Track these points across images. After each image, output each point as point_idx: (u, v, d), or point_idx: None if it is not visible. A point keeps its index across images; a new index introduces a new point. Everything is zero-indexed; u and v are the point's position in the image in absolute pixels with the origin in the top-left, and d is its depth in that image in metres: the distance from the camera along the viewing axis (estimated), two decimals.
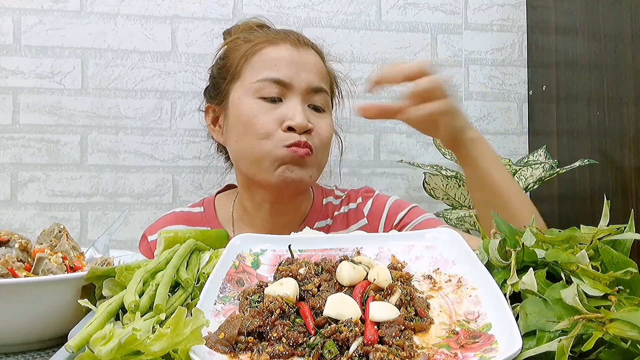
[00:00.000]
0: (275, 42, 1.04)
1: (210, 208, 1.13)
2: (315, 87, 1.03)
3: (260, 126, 0.99)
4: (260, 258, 0.59)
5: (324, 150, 1.05)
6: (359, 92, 1.60)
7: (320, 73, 1.05)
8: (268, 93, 1.00)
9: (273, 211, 1.07)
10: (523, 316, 0.45)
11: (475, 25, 1.67)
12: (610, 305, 0.44)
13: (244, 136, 1.01)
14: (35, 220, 1.46)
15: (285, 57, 1.02)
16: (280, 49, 1.03)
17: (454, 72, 1.66)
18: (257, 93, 1.01)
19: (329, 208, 1.13)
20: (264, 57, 1.03)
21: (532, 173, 1.42)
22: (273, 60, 1.02)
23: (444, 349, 0.44)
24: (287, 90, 1.01)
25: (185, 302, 0.52)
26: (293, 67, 1.01)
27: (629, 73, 1.32)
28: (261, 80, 1.01)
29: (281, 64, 1.01)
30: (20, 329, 0.54)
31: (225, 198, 1.16)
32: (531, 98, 1.69)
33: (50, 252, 0.61)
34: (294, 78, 1.01)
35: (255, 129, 0.99)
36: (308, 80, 1.02)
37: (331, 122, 1.07)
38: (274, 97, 1.00)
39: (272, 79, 1.00)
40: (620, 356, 0.41)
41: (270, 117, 0.99)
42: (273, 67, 1.01)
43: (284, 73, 1.01)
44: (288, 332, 0.45)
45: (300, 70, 1.02)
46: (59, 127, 1.48)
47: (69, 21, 1.48)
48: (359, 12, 1.62)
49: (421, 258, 0.60)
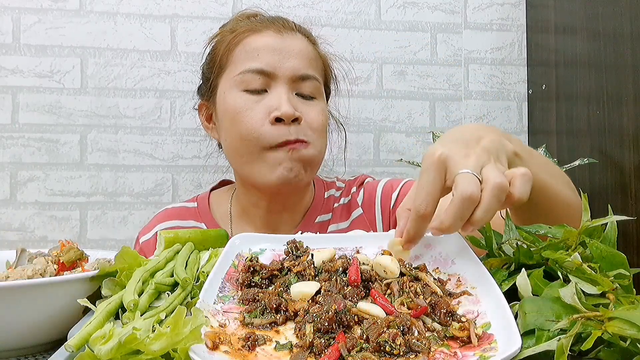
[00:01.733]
0: (258, 30, 1.00)
1: (204, 204, 1.09)
2: (301, 74, 0.98)
3: (246, 123, 0.95)
4: (260, 258, 0.59)
5: (319, 139, 0.99)
6: (359, 92, 1.60)
7: (308, 59, 1.00)
8: (252, 85, 0.96)
9: (272, 209, 1.04)
10: (522, 315, 0.45)
11: (475, 24, 1.67)
12: (609, 303, 0.44)
13: (233, 134, 0.97)
14: (35, 219, 1.46)
15: (268, 45, 0.98)
16: (263, 37, 0.99)
17: (453, 71, 1.66)
18: (241, 85, 0.97)
19: (331, 201, 1.09)
20: (247, 47, 0.99)
21: None
22: (255, 50, 0.98)
23: (444, 349, 0.44)
24: (272, 80, 0.97)
25: (185, 301, 0.52)
26: (276, 55, 0.97)
27: (629, 72, 1.32)
28: (244, 72, 0.97)
29: (264, 53, 0.97)
30: (19, 333, 0.54)
31: (221, 194, 1.13)
32: (531, 97, 1.69)
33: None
34: (277, 66, 0.96)
35: (241, 127, 0.95)
36: (293, 67, 0.97)
37: (323, 109, 1.02)
38: (258, 89, 0.96)
39: (254, 70, 0.96)
40: (620, 355, 0.41)
41: (255, 112, 0.95)
42: (255, 57, 0.97)
43: (267, 62, 0.96)
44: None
45: (284, 58, 0.97)
46: (59, 126, 1.48)
47: (68, 20, 1.48)
48: (358, 12, 1.62)
49: (421, 257, 0.60)
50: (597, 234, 0.54)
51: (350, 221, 1.06)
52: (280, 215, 1.05)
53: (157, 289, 0.53)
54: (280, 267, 0.57)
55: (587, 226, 0.53)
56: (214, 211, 1.09)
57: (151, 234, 1.06)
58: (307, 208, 1.07)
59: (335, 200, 1.09)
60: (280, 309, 0.49)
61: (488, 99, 1.68)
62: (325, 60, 1.07)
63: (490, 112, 1.68)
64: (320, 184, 1.12)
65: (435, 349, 0.44)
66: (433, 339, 0.45)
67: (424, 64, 1.65)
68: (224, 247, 0.59)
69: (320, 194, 1.10)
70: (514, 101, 1.70)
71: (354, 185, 1.10)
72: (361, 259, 0.56)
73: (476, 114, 1.67)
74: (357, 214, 1.06)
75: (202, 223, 1.06)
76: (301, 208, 1.07)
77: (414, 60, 1.64)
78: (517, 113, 1.70)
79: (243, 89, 0.97)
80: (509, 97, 1.70)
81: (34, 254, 0.66)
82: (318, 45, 1.06)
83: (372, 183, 1.09)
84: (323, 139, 1.01)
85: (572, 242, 0.52)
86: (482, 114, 1.68)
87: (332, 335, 0.45)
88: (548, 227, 0.59)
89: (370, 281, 0.53)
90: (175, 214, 1.08)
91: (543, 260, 0.52)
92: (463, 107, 1.67)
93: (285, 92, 0.96)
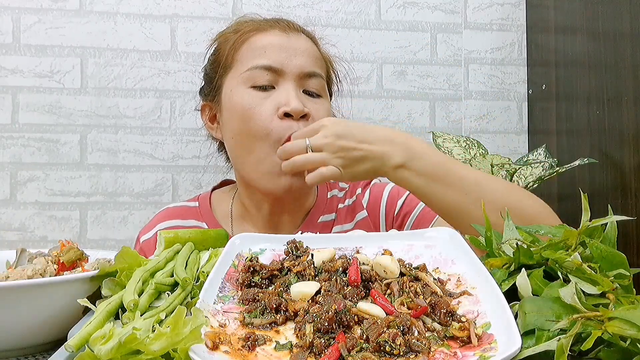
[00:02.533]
0: (264, 29, 1.01)
1: (205, 203, 1.09)
2: (308, 71, 0.99)
3: (255, 119, 0.95)
4: (260, 258, 0.60)
5: None
6: (359, 92, 1.60)
7: (314, 57, 1.01)
8: (260, 81, 0.97)
9: (274, 210, 1.03)
10: (522, 315, 0.45)
11: (475, 24, 1.67)
12: (609, 303, 0.44)
13: (240, 133, 0.97)
14: (35, 219, 1.46)
15: (274, 43, 0.99)
16: (269, 36, 1.00)
17: (453, 71, 1.66)
18: (249, 82, 0.97)
19: (334, 202, 1.09)
20: (253, 45, 0.99)
21: (531, 172, 1.42)
22: (262, 47, 0.99)
23: (444, 349, 0.44)
24: (279, 77, 0.97)
25: (185, 301, 0.52)
26: (283, 52, 0.98)
27: (629, 72, 1.32)
28: (252, 69, 0.97)
29: (271, 50, 0.98)
30: (19, 333, 0.53)
31: (222, 194, 1.13)
32: (531, 97, 1.70)
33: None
34: (284, 63, 0.97)
35: (250, 123, 0.95)
36: (300, 64, 0.98)
37: (329, 107, 1.03)
38: (266, 85, 0.97)
39: (262, 66, 0.97)
40: (620, 355, 0.41)
41: (264, 108, 0.95)
42: (263, 54, 0.98)
43: (274, 59, 0.97)
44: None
45: (291, 56, 0.98)
46: (59, 126, 1.48)
47: (68, 20, 1.48)
48: (358, 11, 1.62)
49: (421, 257, 0.60)
50: (597, 234, 0.54)
51: (354, 223, 1.06)
52: (283, 216, 1.05)
53: (157, 289, 0.53)
54: (280, 267, 0.57)
55: (587, 226, 0.53)
56: (215, 211, 1.09)
57: (152, 233, 1.06)
58: (309, 208, 1.07)
59: (339, 200, 1.09)
60: (280, 309, 0.49)
61: (488, 99, 1.68)
62: (328, 62, 1.08)
63: (490, 112, 1.68)
64: (323, 184, 1.11)
65: (435, 349, 0.44)
66: (433, 339, 0.45)
67: (424, 64, 1.65)
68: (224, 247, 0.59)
69: (323, 193, 1.10)
70: (514, 101, 1.70)
71: (359, 187, 1.10)
72: (361, 259, 0.56)
73: (476, 114, 1.67)
74: (361, 216, 1.06)
75: (204, 222, 1.06)
76: (303, 209, 1.07)
77: (414, 60, 1.64)
78: (517, 113, 1.70)
79: (250, 85, 0.97)
80: (509, 97, 1.70)
81: (34, 254, 0.66)
82: (321, 47, 1.07)
83: (378, 185, 1.09)
84: None
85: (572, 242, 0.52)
86: (482, 114, 1.68)
87: (332, 335, 0.45)
88: (548, 227, 0.59)
89: (370, 281, 0.53)
90: (176, 213, 1.08)
91: (543, 260, 0.52)
92: (463, 107, 1.67)
93: (293, 89, 0.96)
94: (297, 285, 0.52)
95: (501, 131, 1.69)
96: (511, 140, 1.69)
